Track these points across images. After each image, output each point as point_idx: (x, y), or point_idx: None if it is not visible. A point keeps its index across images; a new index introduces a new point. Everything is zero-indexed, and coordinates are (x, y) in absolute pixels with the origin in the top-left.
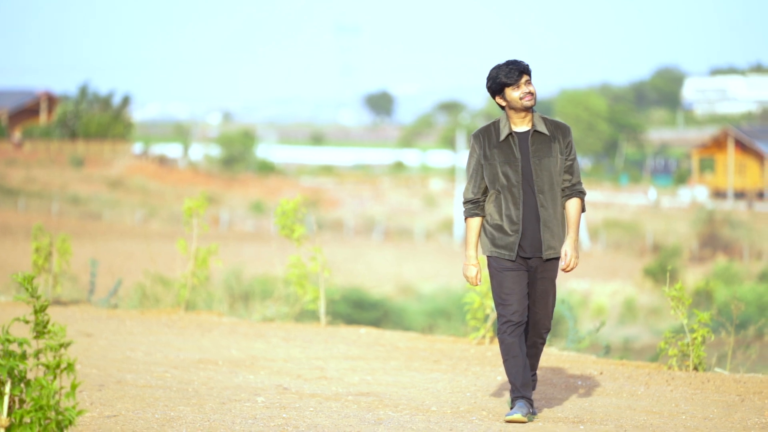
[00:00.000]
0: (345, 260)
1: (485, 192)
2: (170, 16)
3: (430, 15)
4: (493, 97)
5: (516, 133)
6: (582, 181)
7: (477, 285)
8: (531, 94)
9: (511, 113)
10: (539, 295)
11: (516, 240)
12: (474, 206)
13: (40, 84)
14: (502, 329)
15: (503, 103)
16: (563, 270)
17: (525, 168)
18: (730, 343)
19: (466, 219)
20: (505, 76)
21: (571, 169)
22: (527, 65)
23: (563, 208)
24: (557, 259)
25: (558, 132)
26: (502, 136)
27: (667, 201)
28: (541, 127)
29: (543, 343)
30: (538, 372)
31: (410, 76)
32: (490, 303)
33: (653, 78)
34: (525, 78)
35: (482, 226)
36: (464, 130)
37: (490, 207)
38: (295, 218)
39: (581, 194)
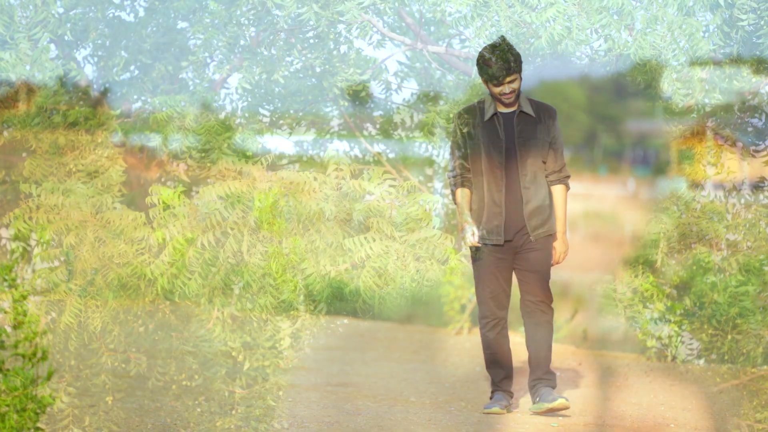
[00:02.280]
0: (325, 250)
1: (470, 170)
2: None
3: None
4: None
5: (501, 113)
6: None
7: (477, 243)
8: (513, 92)
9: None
10: (533, 264)
11: (501, 223)
12: (461, 178)
13: (19, 73)
14: (481, 323)
15: (488, 90)
16: (552, 264)
17: (509, 149)
18: (707, 334)
19: (454, 191)
20: (494, 72)
21: (555, 152)
22: (516, 63)
23: (548, 190)
24: (549, 236)
25: (544, 114)
26: (487, 116)
27: (646, 192)
28: (527, 109)
29: (549, 323)
30: (521, 366)
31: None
32: (466, 294)
33: (632, 69)
34: (511, 77)
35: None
36: (445, 121)
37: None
38: (275, 213)
39: (567, 179)
